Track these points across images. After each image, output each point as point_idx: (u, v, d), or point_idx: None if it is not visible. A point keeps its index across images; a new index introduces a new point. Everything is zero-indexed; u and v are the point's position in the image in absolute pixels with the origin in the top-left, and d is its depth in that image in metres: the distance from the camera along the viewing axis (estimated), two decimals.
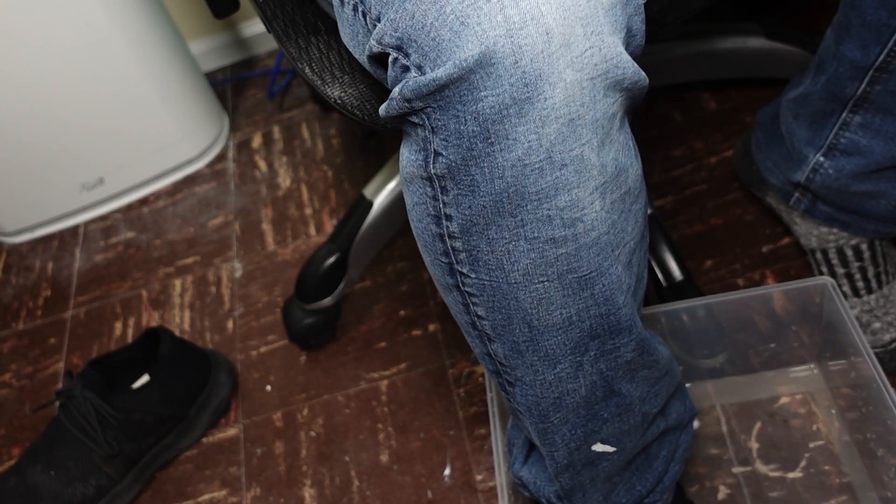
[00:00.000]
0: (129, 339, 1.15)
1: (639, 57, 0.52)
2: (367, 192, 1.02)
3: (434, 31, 0.45)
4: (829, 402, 0.85)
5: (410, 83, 0.47)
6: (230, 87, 1.51)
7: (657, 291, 0.91)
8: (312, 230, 1.21)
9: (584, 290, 0.53)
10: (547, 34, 0.44)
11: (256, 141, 1.39)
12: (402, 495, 0.91)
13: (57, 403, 0.97)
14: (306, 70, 0.70)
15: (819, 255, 0.90)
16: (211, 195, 1.33)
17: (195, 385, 1.00)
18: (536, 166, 0.48)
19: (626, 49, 0.48)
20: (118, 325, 1.17)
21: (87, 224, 1.35)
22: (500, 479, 0.74)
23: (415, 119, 0.49)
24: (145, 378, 1.02)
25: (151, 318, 1.17)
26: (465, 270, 0.54)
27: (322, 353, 1.06)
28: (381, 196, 1.01)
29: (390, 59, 0.48)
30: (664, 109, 1.20)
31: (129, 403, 0.95)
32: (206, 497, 0.97)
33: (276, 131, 1.39)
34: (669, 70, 1.16)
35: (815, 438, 0.83)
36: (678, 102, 1.20)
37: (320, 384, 1.03)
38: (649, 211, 0.93)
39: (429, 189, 0.51)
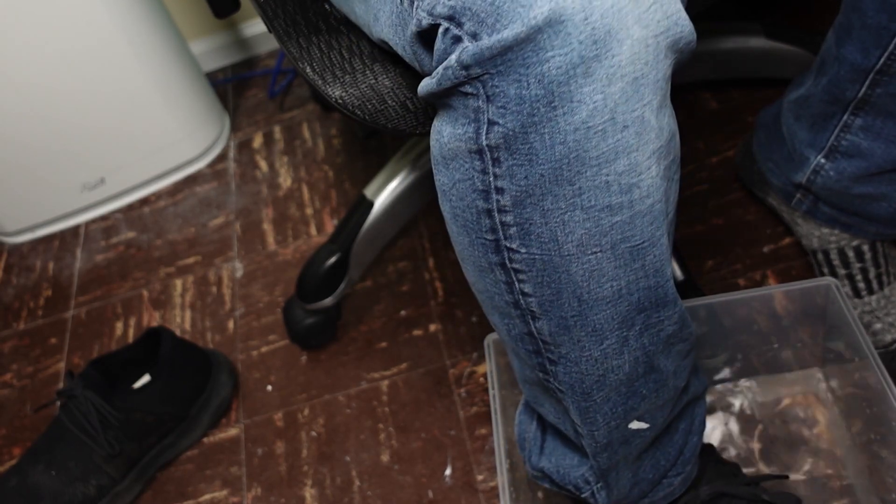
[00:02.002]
0: (130, 338, 1.15)
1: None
2: (368, 192, 1.02)
3: None
4: (831, 403, 0.85)
5: (471, 48, 0.46)
6: (231, 87, 1.51)
7: None
8: (313, 230, 1.21)
9: (636, 260, 0.52)
10: None
11: (257, 141, 1.39)
12: (403, 495, 0.91)
13: (58, 403, 0.97)
14: (307, 70, 0.70)
15: (820, 256, 0.90)
16: (212, 195, 1.33)
17: (196, 385, 1.00)
18: (600, 128, 0.47)
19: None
20: (119, 325, 1.17)
21: (87, 224, 1.35)
22: (502, 479, 0.74)
23: (467, 89, 0.47)
24: (146, 378, 1.02)
25: (152, 318, 1.17)
26: (514, 246, 0.52)
27: (323, 353, 1.06)
28: (381, 196, 1.01)
29: (441, 30, 0.47)
30: None
31: (129, 403, 0.95)
32: (206, 497, 0.97)
33: (277, 131, 1.39)
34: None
35: (818, 440, 0.83)
36: (679, 102, 1.20)
37: (321, 384, 1.03)
38: None
39: (477, 163, 0.50)
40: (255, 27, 1.53)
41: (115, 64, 1.21)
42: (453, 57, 0.46)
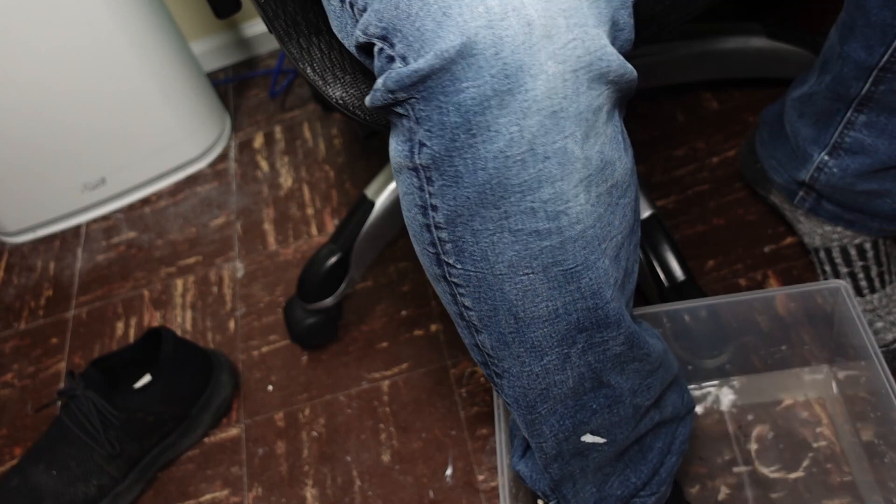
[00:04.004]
0: (131, 338, 1.15)
1: (628, 52, 0.51)
2: (369, 192, 1.02)
3: (418, 21, 0.45)
4: (834, 404, 0.85)
5: (393, 74, 0.47)
6: (232, 87, 1.51)
7: (659, 291, 0.91)
8: (314, 230, 1.21)
9: (571, 283, 0.53)
10: (528, 25, 0.44)
11: (258, 141, 1.39)
12: (404, 495, 0.91)
13: (59, 403, 0.97)
14: (308, 70, 0.70)
15: (822, 255, 0.90)
16: (213, 195, 1.33)
17: (197, 385, 1.00)
18: (519, 158, 0.47)
19: (613, 43, 0.48)
20: (120, 325, 1.17)
21: (88, 224, 1.35)
22: (503, 479, 0.74)
23: (400, 110, 0.49)
24: (147, 378, 1.02)
25: (153, 318, 1.17)
26: (451, 261, 0.53)
27: (324, 353, 1.06)
28: (382, 196, 1.01)
29: (375, 49, 0.48)
30: (666, 109, 1.19)
31: (130, 403, 0.95)
32: (207, 497, 0.97)
33: (278, 131, 1.39)
34: (672, 70, 1.16)
35: (819, 440, 0.83)
36: (680, 102, 1.20)
37: (322, 384, 1.03)
38: (651, 211, 0.93)
39: (415, 180, 0.51)
40: (256, 27, 1.53)
41: (116, 64, 1.21)
42: (380, 81, 0.48)
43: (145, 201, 1.36)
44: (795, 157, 0.88)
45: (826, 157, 0.84)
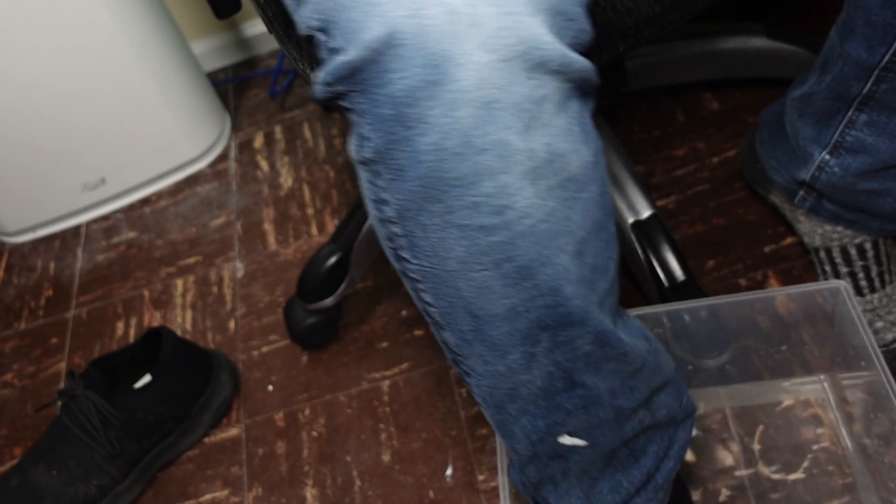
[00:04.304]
0: (131, 338, 1.15)
1: (585, 43, 0.50)
2: None
3: (348, 12, 0.45)
4: (834, 405, 0.85)
5: (329, 66, 0.47)
6: (232, 87, 1.51)
7: (659, 291, 0.91)
8: (314, 230, 1.21)
9: (526, 280, 0.51)
10: (452, 14, 0.44)
11: (258, 141, 1.39)
12: (404, 495, 0.91)
13: (59, 403, 0.97)
14: (307, 70, 0.70)
15: (823, 254, 0.90)
16: (213, 195, 1.33)
17: (197, 385, 1.00)
18: (454, 150, 0.46)
19: (560, 33, 0.47)
20: (120, 325, 1.17)
21: (88, 224, 1.35)
22: (503, 479, 0.74)
23: (344, 103, 0.48)
24: (147, 378, 1.02)
25: (153, 318, 1.17)
26: (406, 256, 0.52)
27: (324, 353, 1.06)
28: None
29: (317, 41, 0.48)
30: (666, 109, 1.19)
31: (131, 403, 0.95)
32: (207, 497, 0.97)
33: (278, 131, 1.39)
34: (672, 70, 1.16)
35: (819, 441, 0.83)
36: (680, 102, 1.20)
37: (322, 384, 1.03)
38: (651, 211, 0.93)
39: (367, 173, 0.51)
40: (256, 27, 1.53)
41: (116, 64, 1.21)
42: (320, 74, 0.48)
43: (145, 201, 1.36)
44: (796, 157, 0.88)
45: (827, 157, 0.84)
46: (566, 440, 0.62)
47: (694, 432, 0.73)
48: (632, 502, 0.68)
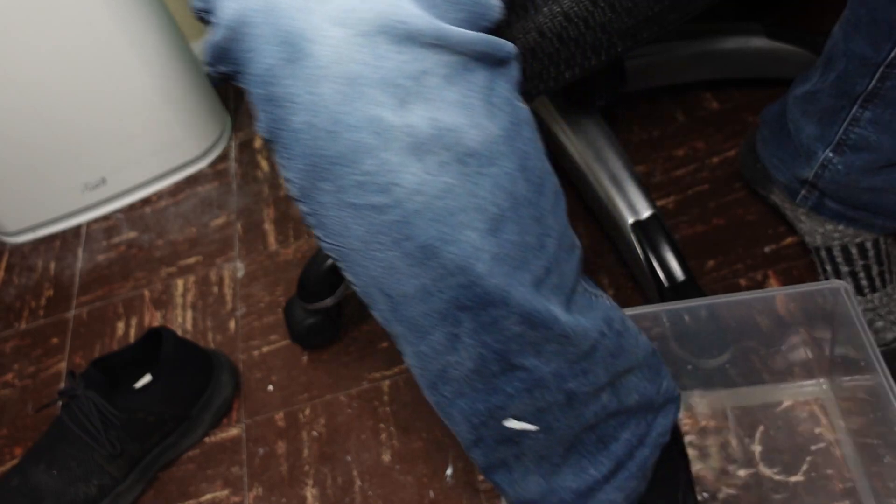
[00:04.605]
0: (132, 338, 1.15)
1: (491, 20, 0.49)
2: None
3: None
4: (833, 405, 0.85)
5: (206, 47, 0.47)
6: (232, 88, 1.51)
7: (659, 291, 0.91)
8: None
9: (430, 259, 0.50)
10: None
11: (258, 141, 1.39)
12: (405, 495, 0.91)
13: (59, 403, 0.97)
14: None
15: (823, 254, 0.90)
16: (213, 195, 1.33)
17: (197, 385, 1.00)
18: (327, 129, 0.46)
19: (441, 7, 0.46)
20: (120, 325, 1.17)
21: (89, 224, 1.35)
22: None
23: (237, 84, 0.48)
24: (147, 378, 1.02)
25: (154, 318, 1.17)
26: (318, 234, 0.52)
27: (324, 353, 1.06)
28: None
29: (207, 18, 0.48)
30: (666, 109, 1.20)
31: (131, 403, 0.95)
32: (208, 497, 0.97)
33: None
34: (671, 70, 1.16)
35: (819, 441, 0.83)
36: (680, 102, 1.20)
37: (322, 384, 1.03)
38: (651, 211, 0.93)
39: (272, 153, 0.50)
40: None
41: (116, 64, 1.21)
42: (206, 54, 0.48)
43: (146, 201, 1.36)
44: (798, 156, 0.88)
45: (831, 154, 0.84)
46: (513, 424, 0.60)
47: (681, 415, 0.70)
48: (599, 490, 0.66)
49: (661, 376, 0.68)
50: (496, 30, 0.51)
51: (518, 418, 0.60)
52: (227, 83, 0.49)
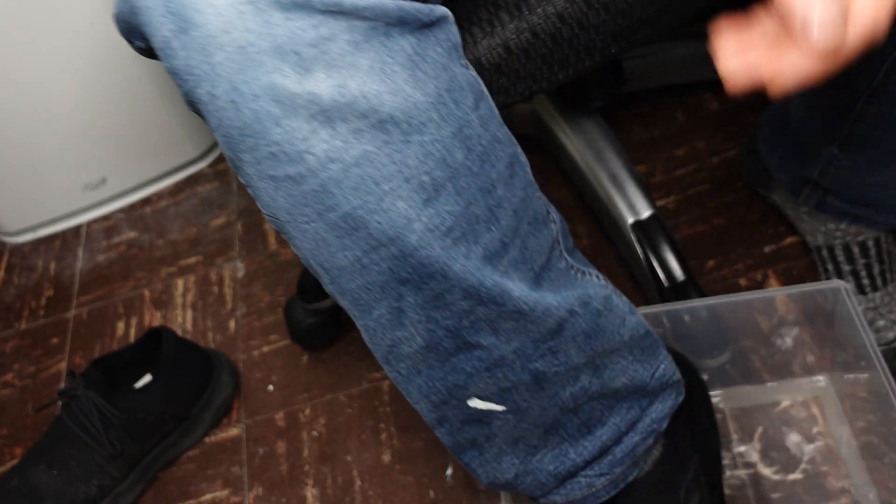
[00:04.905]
0: (132, 338, 1.15)
1: None
2: None
3: None
4: (834, 405, 0.85)
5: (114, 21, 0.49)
6: None
7: (659, 291, 0.91)
8: None
9: (358, 229, 0.49)
10: None
11: None
12: (405, 495, 0.91)
13: (59, 403, 0.97)
14: None
15: (825, 253, 0.90)
16: (213, 195, 1.33)
17: (197, 385, 1.00)
18: (228, 99, 0.46)
19: None
20: (120, 325, 1.17)
21: (89, 224, 1.35)
22: None
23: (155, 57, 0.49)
24: (147, 378, 1.02)
25: (154, 318, 1.17)
26: (260, 206, 0.52)
27: (324, 353, 1.06)
28: None
29: None
30: (666, 109, 1.19)
31: (131, 403, 0.95)
32: (208, 497, 0.97)
33: None
34: (672, 70, 1.16)
35: (818, 440, 0.83)
36: (680, 102, 1.20)
37: (322, 384, 1.03)
38: (651, 211, 0.93)
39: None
40: None
41: (116, 63, 1.21)
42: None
43: (146, 201, 1.36)
44: (802, 154, 0.88)
45: (836, 151, 0.83)
46: (477, 404, 0.59)
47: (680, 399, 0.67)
48: (580, 474, 0.65)
49: (656, 360, 0.66)
50: None
51: (482, 398, 0.59)
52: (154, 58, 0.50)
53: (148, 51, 0.49)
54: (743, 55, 0.55)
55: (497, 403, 0.59)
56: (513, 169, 0.54)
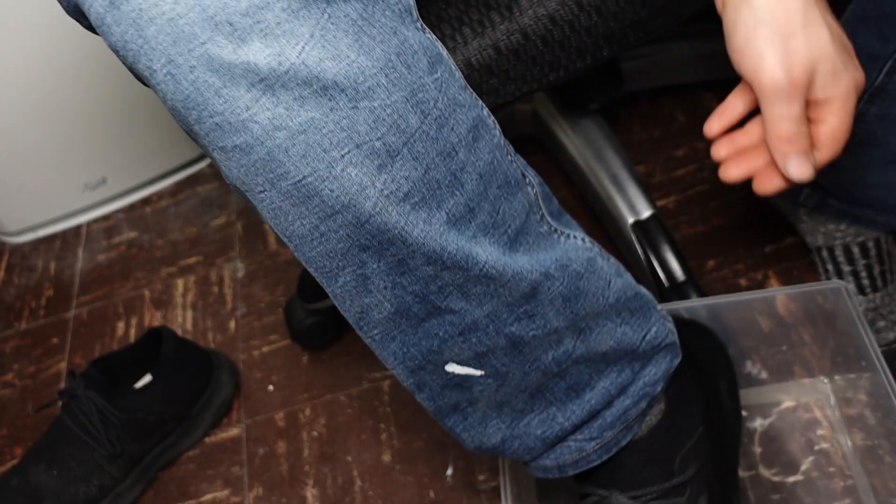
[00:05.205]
0: (132, 338, 1.15)
1: None
2: None
3: None
4: (834, 405, 0.85)
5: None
6: None
7: (659, 291, 0.91)
8: None
9: (311, 197, 0.49)
10: None
11: None
12: (405, 495, 0.91)
13: (59, 403, 0.97)
14: None
15: (825, 253, 0.90)
16: (213, 195, 1.33)
17: (197, 385, 1.00)
18: (165, 72, 0.46)
19: None
20: (121, 325, 1.17)
21: (89, 224, 1.35)
22: (503, 479, 0.74)
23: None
24: (148, 378, 1.02)
25: (154, 318, 1.17)
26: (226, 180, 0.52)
27: (324, 353, 1.06)
28: None
29: None
30: (667, 110, 1.20)
31: (131, 403, 0.95)
32: (208, 497, 0.97)
33: None
34: (672, 70, 1.16)
35: (819, 442, 0.83)
36: (680, 102, 1.20)
37: (323, 384, 1.03)
38: (651, 211, 0.93)
39: None
40: None
41: (116, 63, 1.21)
42: None
43: (146, 201, 1.36)
44: None
45: None
46: (455, 369, 0.59)
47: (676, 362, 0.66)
48: (569, 438, 0.64)
49: (647, 322, 0.64)
50: None
51: (459, 363, 0.58)
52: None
53: (95, 28, 0.50)
54: (737, 160, 0.67)
55: (475, 368, 0.59)
56: (477, 132, 0.53)
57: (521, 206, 0.56)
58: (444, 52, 0.52)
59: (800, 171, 0.60)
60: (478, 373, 0.59)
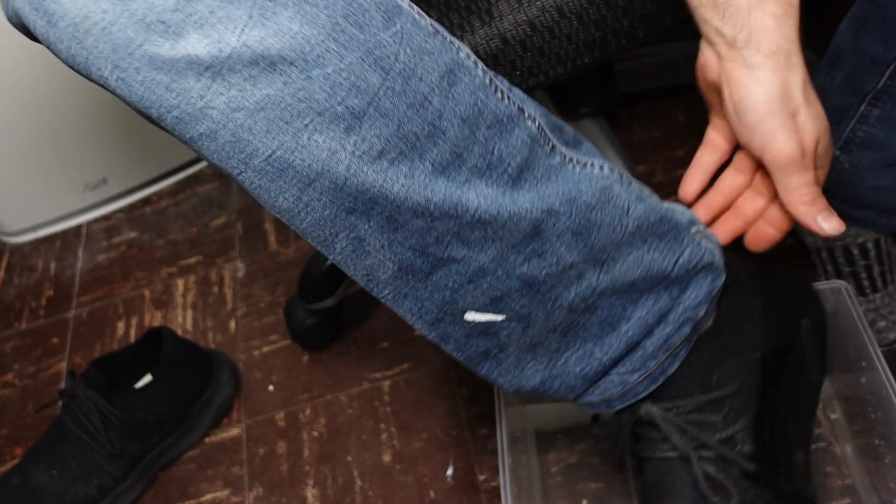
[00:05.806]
0: (132, 338, 1.15)
1: None
2: None
3: None
4: (834, 405, 0.85)
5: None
6: None
7: None
8: None
9: (286, 170, 0.50)
10: None
11: None
12: (405, 495, 0.91)
13: (59, 403, 0.97)
14: None
15: (825, 254, 0.90)
16: (213, 195, 1.33)
17: (198, 385, 1.00)
18: (115, 77, 0.48)
19: None
20: (121, 325, 1.17)
21: (89, 224, 1.35)
22: (504, 479, 0.74)
23: None
24: (148, 378, 1.02)
25: (154, 318, 1.17)
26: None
27: (325, 353, 1.06)
28: None
29: None
30: (667, 110, 1.19)
31: (131, 403, 0.95)
32: (208, 497, 0.97)
33: None
34: (672, 70, 1.15)
35: (819, 441, 0.83)
36: (681, 102, 1.20)
37: (323, 384, 1.03)
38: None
39: None
40: None
41: None
42: None
43: (146, 201, 1.36)
44: None
45: (837, 153, 0.83)
46: (475, 317, 0.58)
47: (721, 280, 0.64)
48: (611, 373, 0.63)
49: (678, 245, 0.62)
50: None
51: (477, 310, 0.58)
52: None
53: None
54: (718, 227, 0.69)
55: (494, 313, 0.59)
56: (453, 76, 0.52)
57: (520, 142, 0.55)
58: (405, 2, 0.51)
59: (832, 225, 0.65)
60: (499, 318, 0.59)
